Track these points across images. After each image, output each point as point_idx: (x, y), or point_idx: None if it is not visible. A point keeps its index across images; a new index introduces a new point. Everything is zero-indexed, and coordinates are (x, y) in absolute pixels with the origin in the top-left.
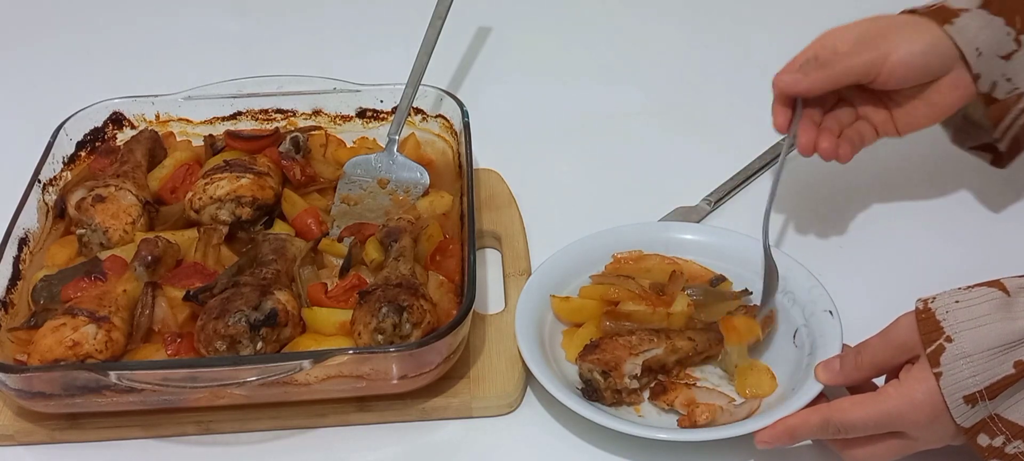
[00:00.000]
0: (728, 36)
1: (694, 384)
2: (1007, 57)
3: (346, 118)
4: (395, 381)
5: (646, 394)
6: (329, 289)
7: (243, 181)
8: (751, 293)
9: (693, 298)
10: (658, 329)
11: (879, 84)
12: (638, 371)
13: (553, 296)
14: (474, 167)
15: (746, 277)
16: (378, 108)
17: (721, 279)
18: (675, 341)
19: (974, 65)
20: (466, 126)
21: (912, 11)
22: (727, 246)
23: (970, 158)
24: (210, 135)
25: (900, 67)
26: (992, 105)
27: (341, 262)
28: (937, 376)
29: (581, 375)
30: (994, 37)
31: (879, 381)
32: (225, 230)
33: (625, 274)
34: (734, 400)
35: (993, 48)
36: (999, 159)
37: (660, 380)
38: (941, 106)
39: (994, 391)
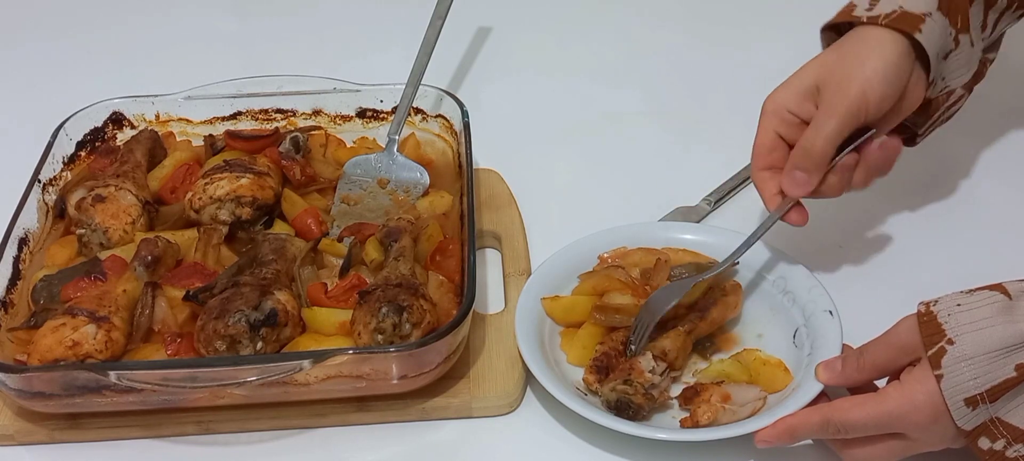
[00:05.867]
0: (728, 36)
1: (722, 382)
2: (945, 57)
3: (346, 118)
4: (395, 381)
5: (675, 394)
6: (329, 289)
7: (243, 181)
8: (738, 264)
9: (680, 275)
10: None
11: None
12: (652, 363)
13: (543, 297)
14: (474, 167)
15: (745, 276)
16: (378, 108)
17: None
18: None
19: (933, 70)
20: (466, 126)
21: (871, 20)
22: (727, 246)
23: (973, 160)
24: (210, 135)
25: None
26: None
27: (341, 262)
28: (938, 378)
29: (609, 402)
30: (942, 37)
31: (880, 383)
32: (225, 230)
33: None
34: (763, 393)
35: (940, 50)
36: (911, 141)
37: (691, 384)
38: (902, 110)
39: (995, 394)
